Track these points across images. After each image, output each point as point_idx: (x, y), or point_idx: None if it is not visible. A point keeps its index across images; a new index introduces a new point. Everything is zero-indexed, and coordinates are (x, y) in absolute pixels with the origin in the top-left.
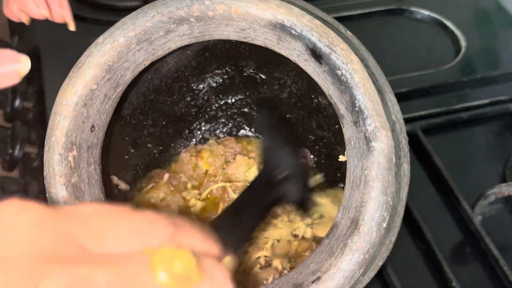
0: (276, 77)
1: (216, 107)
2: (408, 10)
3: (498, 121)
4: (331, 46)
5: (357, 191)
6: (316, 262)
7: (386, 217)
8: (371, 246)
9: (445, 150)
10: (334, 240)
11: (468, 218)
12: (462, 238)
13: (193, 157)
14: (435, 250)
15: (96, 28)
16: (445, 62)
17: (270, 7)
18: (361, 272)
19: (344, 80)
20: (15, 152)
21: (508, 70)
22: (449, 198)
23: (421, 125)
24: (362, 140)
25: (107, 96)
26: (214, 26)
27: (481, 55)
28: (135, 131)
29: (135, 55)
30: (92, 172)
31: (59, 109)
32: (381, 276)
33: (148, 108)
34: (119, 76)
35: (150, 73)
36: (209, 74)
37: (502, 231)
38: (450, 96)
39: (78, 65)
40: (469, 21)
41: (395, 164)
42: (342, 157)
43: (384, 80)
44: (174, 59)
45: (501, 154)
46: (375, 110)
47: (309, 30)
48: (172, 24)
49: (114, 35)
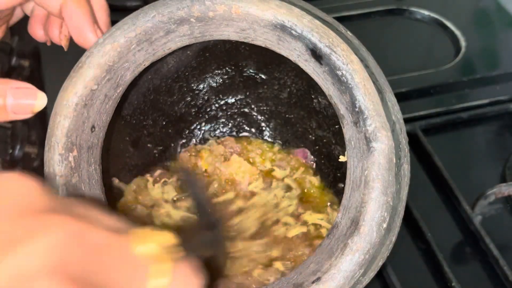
0: (276, 77)
1: (216, 107)
2: (408, 10)
3: (498, 121)
4: (331, 47)
5: (357, 192)
6: (316, 262)
7: (386, 218)
8: (371, 246)
9: (445, 150)
10: (334, 240)
11: (468, 218)
12: (462, 238)
13: (193, 156)
14: (435, 250)
15: None
16: (445, 62)
17: (270, 7)
18: (361, 272)
19: (344, 80)
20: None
21: (508, 70)
22: (449, 198)
23: (421, 125)
24: (362, 141)
25: (108, 96)
26: (215, 26)
27: (481, 55)
28: (135, 131)
29: (135, 55)
30: (93, 172)
31: (60, 109)
32: (381, 276)
33: (148, 108)
34: (119, 76)
35: (150, 73)
36: (209, 74)
37: (502, 231)
38: (450, 96)
39: (79, 65)
40: (469, 21)
41: (395, 164)
42: (342, 157)
43: (384, 80)
44: (174, 59)
45: (501, 154)
46: (375, 111)
47: (309, 30)
48: (172, 24)
49: (114, 35)
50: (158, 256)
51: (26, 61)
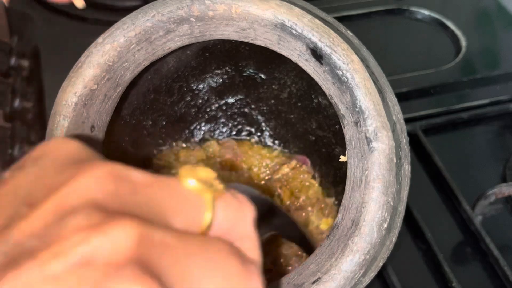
0: (276, 77)
1: (216, 107)
2: (408, 10)
3: (498, 121)
4: (332, 46)
5: (358, 192)
6: (317, 262)
7: (387, 218)
8: (372, 246)
9: (445, 150)
10: (335, 240)
11: (468, 218)
12: (462, 238)
13: (193, 156)
14: (435, 250)
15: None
16: (445, 62)
17: (270, 6)
18: (362, 272)
19: (345, 80)
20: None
21: (508, 70)
22: (449, 198)
23: (421, 125)
24: (363, 141)
25: (107, 96)
26: (214, 26)
27: (481, 55)
28: (135, 131)
29: (135, 55)
30: None
31: (59, 109)
32: (381, 277)
33: (148, 108)
34: (119, 76)
35: (150, 73)
36: (209, 74)
37: (502, 231)
38: (450, 96)
39: (78, 65)
40: (469, 21)
41: (396, 164)
42: (342, 157)
43: (384, 80)
44: (174, 59)
45: (501, 154)
46: (375, 110)
47: (309, 30)
48: (172, 24)
49: (114, 35)
50: (207, 189)
51: (26, 61)
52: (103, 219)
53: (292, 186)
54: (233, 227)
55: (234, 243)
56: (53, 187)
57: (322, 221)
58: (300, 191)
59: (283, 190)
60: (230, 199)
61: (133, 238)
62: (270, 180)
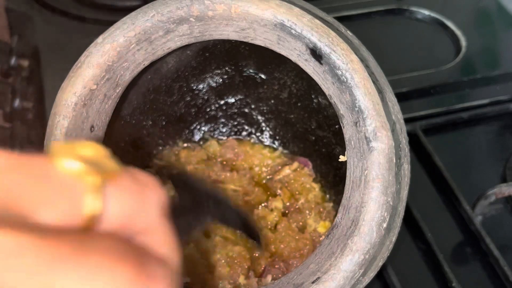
0: (276, 77)
1: (216, 107)
2: (408, 10)
3: (498, 121)
4: (331, 46)
5: (357, 191)
6: (316, 262)
7: (386, 218)
8: (371, 246)
9: (445, 150)
10: (334, 240)
11: (468, 218)
12: (462, 238)
13: (194, 157)
14: (435, 250)
15: (96, 28)
16: (445, 62)
17: (270, 6)
18: (361, 272)
19: (344, 80)
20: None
21: (508, 70)
22: (449, 198)
23: (421, 125)
24: (362, 140)
25: (107, 96)
26: (214, 26)
27: (481, 55)
28: (135, 131)
29: (134, 55)
30: None
31: (59, 109)
32: (381, 277)
33: (148, 108)
34: (118, 76)
35: (150, 73)
36: (209, 74)
37: (502, 231)
38: (450, 96)
39: (78, 65)
40: (469, 21)
41: (396, 164)
42: (342, 157)
43: (384, 80)
44: (174, 59)
45: (501, 154)
46: (375, 110)
47: (309, 30)
48: (171, 24)
49: (113, 35)
50: (91, 171)
51: (26, 61)
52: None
53: (293, 188)
54: (133, 217)
55: (134, 238)
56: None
57: (320, 224)
58: (300, 193)
59: (283, 191)
60: (127, 182)
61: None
62: (271, 180)
